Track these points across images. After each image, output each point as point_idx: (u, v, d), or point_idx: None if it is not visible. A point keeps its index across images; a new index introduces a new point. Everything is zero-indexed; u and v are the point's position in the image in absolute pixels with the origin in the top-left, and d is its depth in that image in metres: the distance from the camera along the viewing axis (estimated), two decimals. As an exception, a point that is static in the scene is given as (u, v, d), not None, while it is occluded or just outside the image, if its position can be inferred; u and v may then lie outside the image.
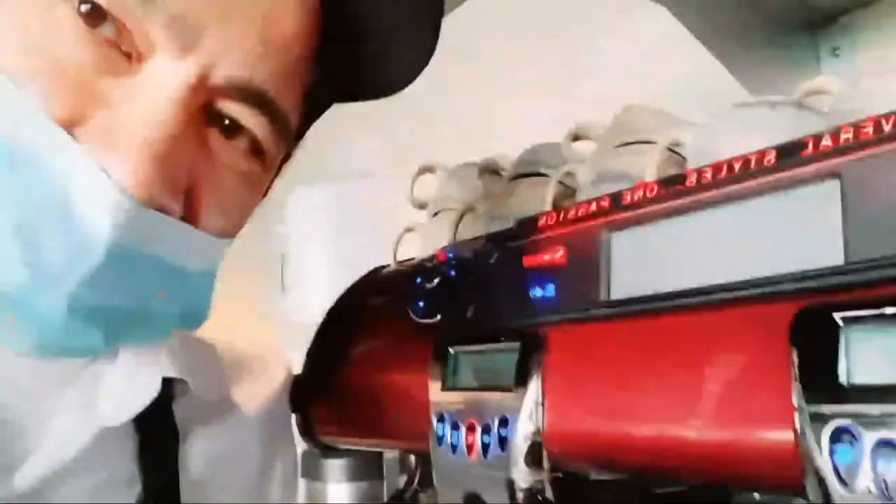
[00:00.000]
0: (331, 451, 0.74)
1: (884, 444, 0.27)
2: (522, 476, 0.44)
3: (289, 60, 0.42)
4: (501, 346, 0.47)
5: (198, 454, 0.54)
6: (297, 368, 0.72)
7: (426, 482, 0.82)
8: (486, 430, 0.45)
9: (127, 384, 0.48)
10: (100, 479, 0.47)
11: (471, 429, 0.47)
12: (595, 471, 0.44)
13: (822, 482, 0.29)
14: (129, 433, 0.49)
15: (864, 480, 0.27)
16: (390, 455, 1.08)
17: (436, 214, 0.76)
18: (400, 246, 0.77)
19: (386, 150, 1.25)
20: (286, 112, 0.43)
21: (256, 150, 0.43)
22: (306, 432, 0.73)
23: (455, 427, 0.48)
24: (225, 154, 0.42)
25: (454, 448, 0.48)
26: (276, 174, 0.50)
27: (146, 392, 0.48)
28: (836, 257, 0.33)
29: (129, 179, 0.37)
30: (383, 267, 0.76)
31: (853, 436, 0.28)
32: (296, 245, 1.48)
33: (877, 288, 0.30)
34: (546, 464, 0.43)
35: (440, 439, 0.49)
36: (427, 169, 0.77)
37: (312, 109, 0.48)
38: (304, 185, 1.46)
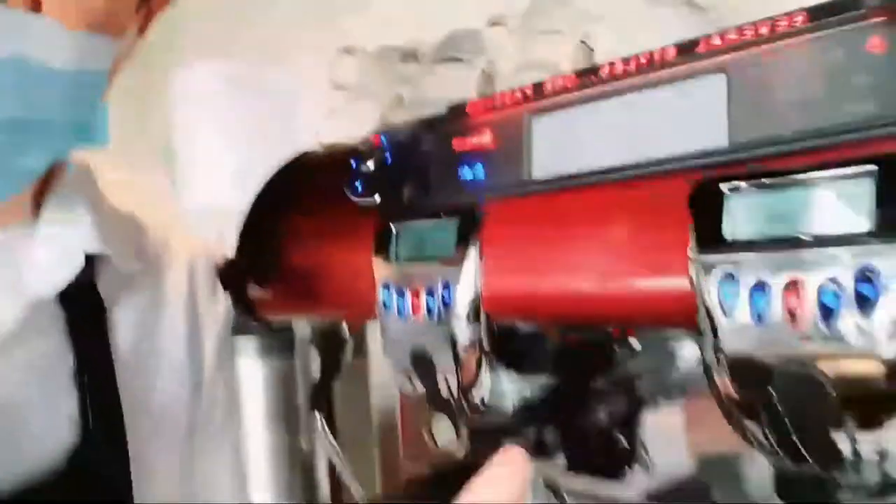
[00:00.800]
0: (244, 329, 0.80)
1: (758, 285, 0.35)
2: (463, 331, 0.51)
3: None
4: (440, 221, 0.53)
5: (124, 328, 0.56)
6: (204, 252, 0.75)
7: (357, 352, 0.90)
8: (430, 293, 0.52)
9: (50, 258, 0.50)
10: (32, 355, 0.50)
11: (415, 294, 0.54)
12: (525, 323, 0.52)
13: (710, 317, 0.37)
14: (58, 312, 0.51)
15: (743, 313, 0.36)
16: (302, 333, 1.15)
17: (355, 98, 0.79)
18: (321, 129, 0.80)
19: (283, 31, 1.24)
20: None
21: None
22: (243, 310, 0.77)
23: (400, 294, 0.55)
24: None
25: (400, 312, 0.55)
26: None
27: (70, 265, 0.50)
28: (721, 139, 0.40)
29: None
30: (308, 152, 0.79)
31: (735, 279, 0.36)
32: (184, 131, 1.45)
33: (753, 163, 0.38)
34: (483, 319, 0.51)
35: (386, 306, 0.56)
36: (347, 51, 0.80)
37: None
38: (189, 64, 1.41)
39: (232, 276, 0.74)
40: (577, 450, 0.60)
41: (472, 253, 0.51)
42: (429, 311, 0.53)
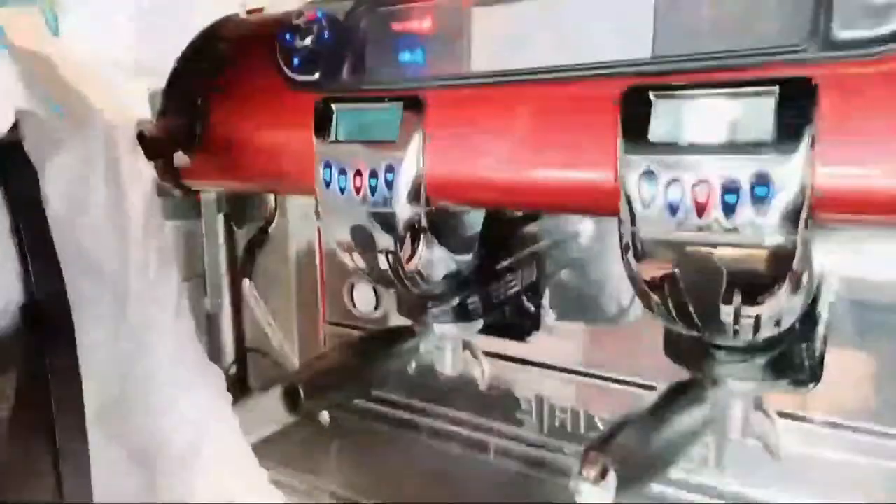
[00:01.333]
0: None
1: (672, 180, 0.41)
2: (404, 210, 0.56)
3: None
4: (384, 104, 0.56)
5: (53, 187, 0.56)
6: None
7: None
8: (374, 175, 0.56)
9: None
10: None
11: (358, 174, 0.57)
12: (462, 205, 0.57)
13: (630, 206, 0.44)
14: None
15: (658, 203, 0.42)
16: (208, 197, 1.15)
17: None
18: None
19: None
20: None
21: None
22: (168, 178, 0.78)
23: (342, 172, 0.58)
24: None
25: (342, 190, 0.58)
26: None
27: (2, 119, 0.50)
28: (647, 48, 0.45)
29: None
30: (233, 16, 0.78)
31: (654, 175, 0.42)
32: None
33: (676, 75, 0.44)
34: (423, 200, 0.56)
35: (328, 183, 0.59)
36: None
37: None
38: None
39: (156, 142, 0.74)
40: (491, 315, 0.67)
41: (417, 137, 0.54)
42: (372, 190, 0.56)
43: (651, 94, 0.43)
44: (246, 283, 0.80)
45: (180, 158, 0.76)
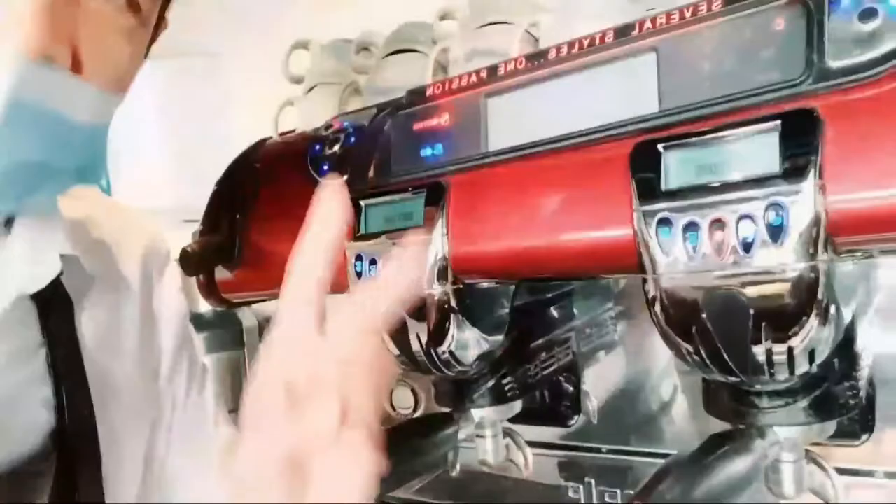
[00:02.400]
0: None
1: (689, 224, 0.42)
2: (433, 291, 0.57)
3: None
4: (408, 195, 0.59)
5: (88, 322, 0.59)
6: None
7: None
8: (402, 260, 0.58)
9: (28, 261, 0.53)
10: (12, 348, 0.54)
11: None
12: (488, 280, 0.58)
13: (651, 258, 0.44)
14: (31, 307, 0.55)
15: (678, 250, 0.43)
16: (249, 324, 1.18)
17: (311, 88, 0.84)
18: (280, 117, 0.85)
19: (229, 28, 1.26)
20: None
21: (131, 3, 0.49)
22: (210, 294, 0.81)
23: (373, 263, 0.60)
24: (104, 9, 0.47)
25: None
26: (154, 37, 0.55)
27: (49, 268, 0.54)
28: (653, 106, 0.47)
29: (23, 36, 0.41)
30: (266, 139, 0.83)
31: (670, 223, 0.43)
32: (123, 132, 1.45)
33: (681, 126, 0.45)
34: (450, 278, 0.57)
35: (359, 275, 0.61)
36: (301, 45, 0.84)
37: None
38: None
39: (197, 258, 0.77)
40: (529, 396, 0.66)
41: (440, 221, 0.56)
42: (399, 275, 0.58)
43: (659, 146, 0.45)
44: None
45: (223, 273, 0.79)
